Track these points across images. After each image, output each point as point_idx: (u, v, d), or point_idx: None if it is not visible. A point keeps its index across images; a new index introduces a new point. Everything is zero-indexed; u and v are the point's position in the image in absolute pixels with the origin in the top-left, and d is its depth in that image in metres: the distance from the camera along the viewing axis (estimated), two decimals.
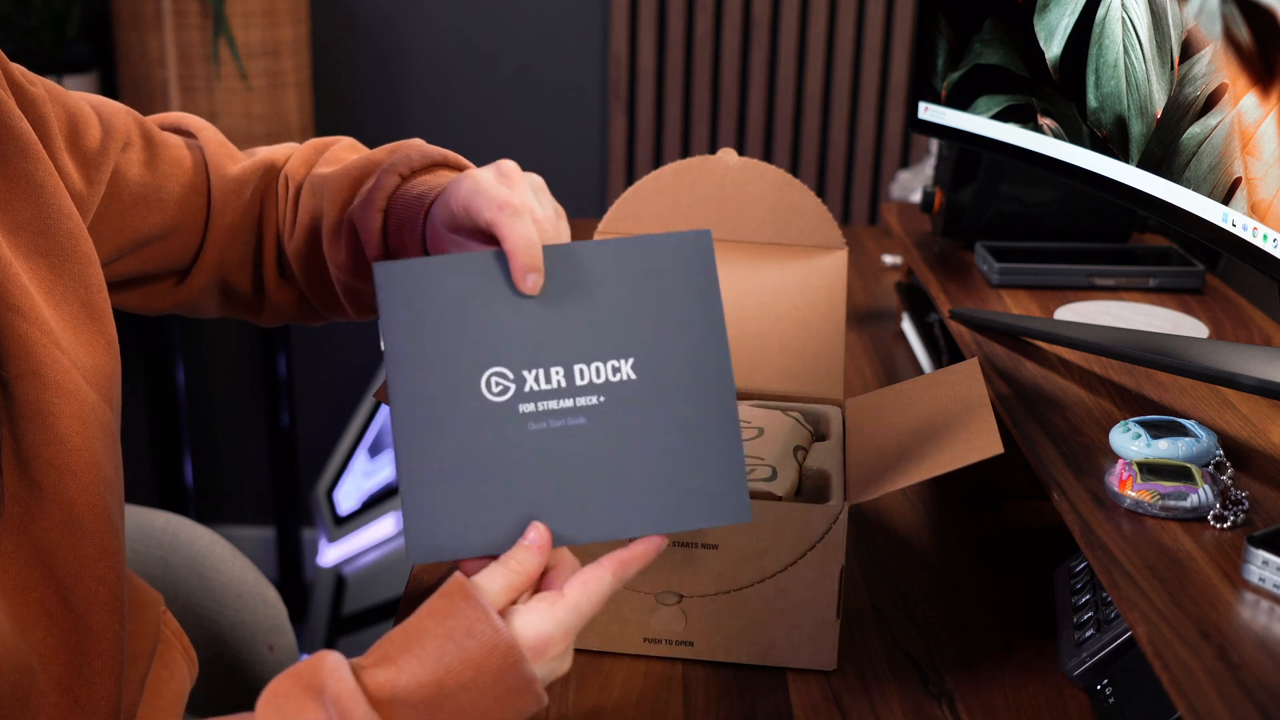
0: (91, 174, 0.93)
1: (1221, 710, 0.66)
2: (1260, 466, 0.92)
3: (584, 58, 2.44)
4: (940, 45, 1.33)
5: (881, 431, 1.00)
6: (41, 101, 0.89)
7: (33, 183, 0.85)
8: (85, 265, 0.87)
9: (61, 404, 0.81)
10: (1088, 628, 0.92)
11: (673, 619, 0.93)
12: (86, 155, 0.93)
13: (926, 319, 1.45)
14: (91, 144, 0.93)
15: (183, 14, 2.09)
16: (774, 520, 0.90)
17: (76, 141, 0.92)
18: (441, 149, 1.01)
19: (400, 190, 0.96)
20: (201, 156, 1.03)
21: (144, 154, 0.98)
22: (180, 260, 1.03)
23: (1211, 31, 0.99)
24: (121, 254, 0.99)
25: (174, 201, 1.00)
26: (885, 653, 0.96)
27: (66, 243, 0.86)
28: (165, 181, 1.00)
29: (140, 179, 0.98)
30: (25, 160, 0.85)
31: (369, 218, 0.96)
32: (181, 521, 1.29)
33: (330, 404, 2.62)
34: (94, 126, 0.94)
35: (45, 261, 0.85)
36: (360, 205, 0.97)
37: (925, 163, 1.84)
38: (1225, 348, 1.04)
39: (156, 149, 1.00)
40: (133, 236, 0.98)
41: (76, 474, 0.81)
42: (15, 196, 0.84)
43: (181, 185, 1.01)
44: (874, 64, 2.40)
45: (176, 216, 1.01)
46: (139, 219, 0.98)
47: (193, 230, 1.03)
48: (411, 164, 0.98)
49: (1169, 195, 1.06)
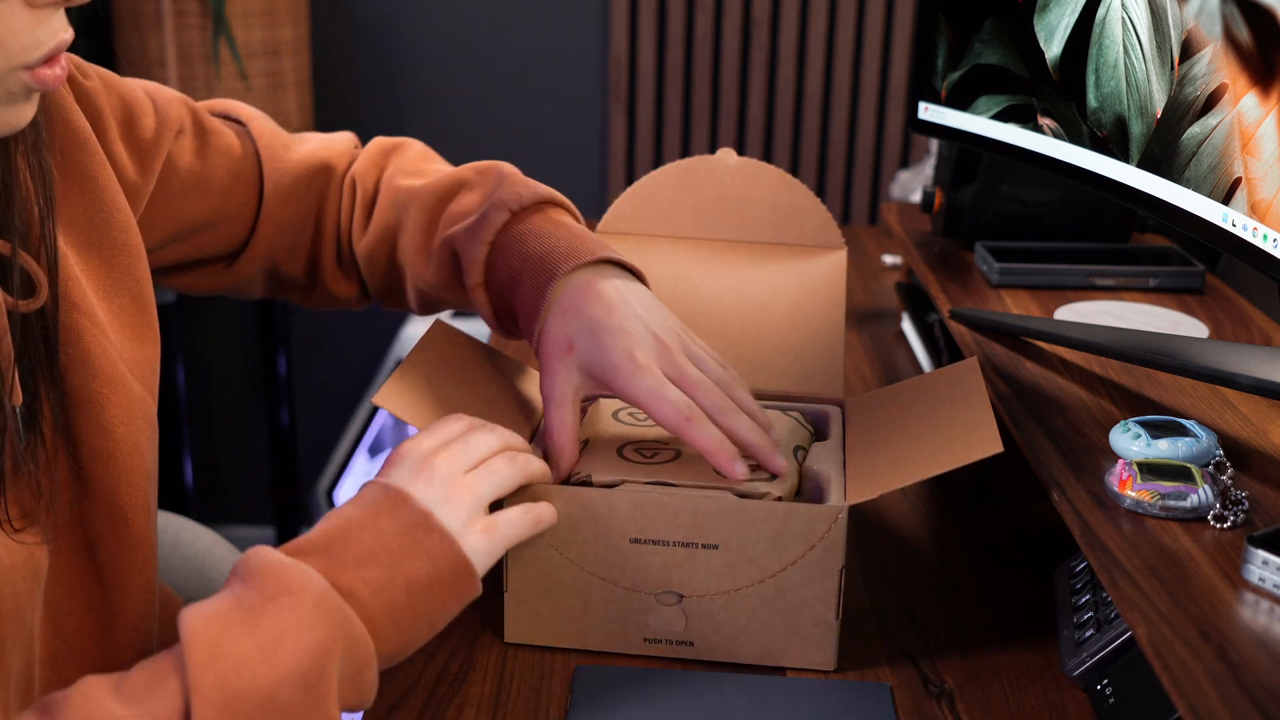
0: (145, 164, 0.95)
1: (1221, 710, 0.66)
2: (1260, 466, 0.92)
3: (584, 58, 2.44)
4: (940, 45, 1.33)
5: (881, 431, 1.00)
6: (96, 94, 0.91)
7: (87, 176, 0.86)
8: (135, 259, 0.89)
9: (108, 393, 0.83)
10: (1088, 628, 0.92)
11: (673, 619, 0.93)
12: (141, 145, 0.94)
13: (926, 319, 1.45)
14: (146, 133, 0.95)
15: (183, 14, 2.09)
16: (774, 520, 0.90)
17: (131, 131, 0.94)
18: (543, 186, 1.03)
19: (509, 230, 0.99)
20: (253, 147, 1.05)
21: (195, 142, 1.00)
22: (228, 246, 1.06)
23: (1211, 31, 0.99)
24: (171, 240, 1.01)
25: (222, 190, 1.02)
26: (885, 653, 0.96)
27: (118, 236, 0.88)
28: (215, 170, 1.01)
29: (190, 167, 0.99)
30: (80, 154, 0.86)
31: (474, 248, 0.99)
32: (182, 521, 1.29)
33: (330, 404, 2.62)
34: (148, 114, 0.95)
35: (97, 254, 0.86)
36: (465, 235, 1.00)
37: (925, 163, 1.84)
38: (1225, 348, 1.04)
39: (207, 137, 1.01)
40: (181, 223, 1.00)
41: (120, 463, 0.83)
42: (70, 190, 0.85)
43: (230, 174, 1.03)
44: (874, 64, 2.40)
45: (225, 205, 1.03)
46: (188, 206, 1.00)
47: (242, 219, 1.05)
48: (521, 201, 1.00)
49: (1169, 195, 1.06)
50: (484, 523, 0.84)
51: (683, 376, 0.92)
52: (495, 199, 1.00)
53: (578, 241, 0.98)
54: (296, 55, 2.21)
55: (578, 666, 0.92)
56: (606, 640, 0.94)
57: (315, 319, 2.59)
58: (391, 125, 2.47)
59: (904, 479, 0.90)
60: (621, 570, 0.92)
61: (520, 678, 0.92)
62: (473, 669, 0.93)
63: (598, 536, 0.91)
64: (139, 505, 0.84)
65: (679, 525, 0.91)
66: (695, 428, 0.90)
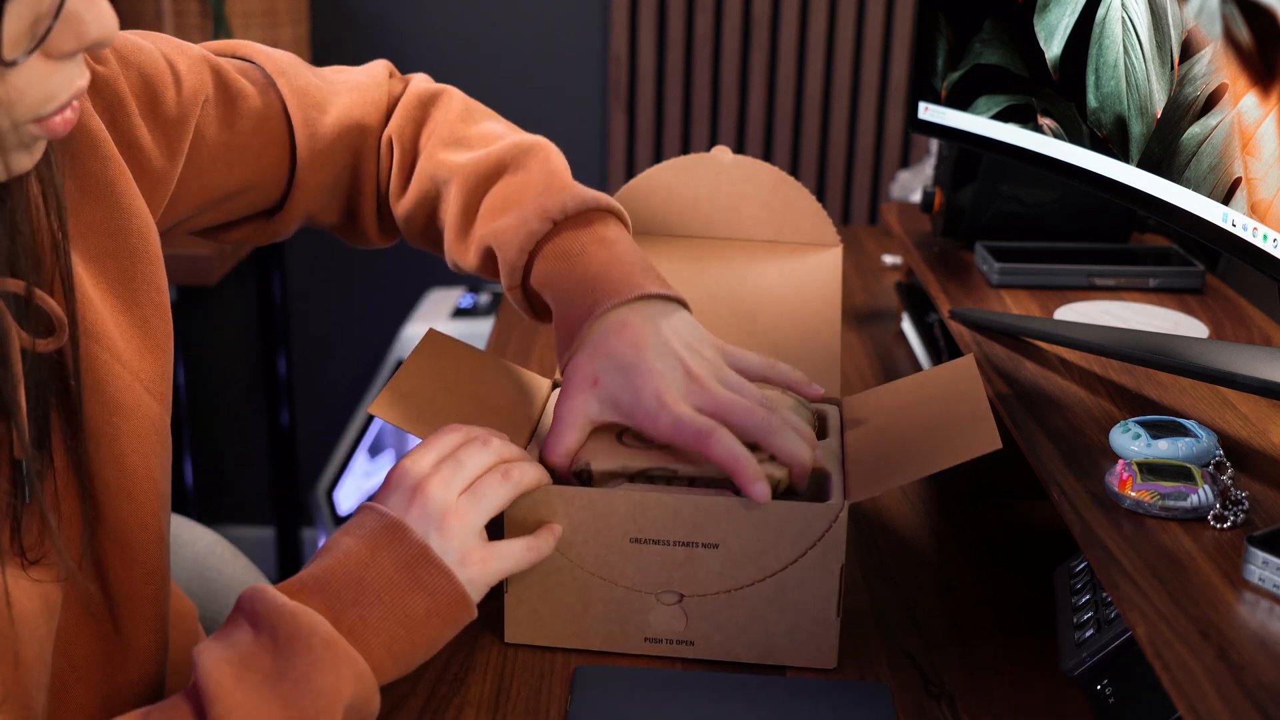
0: (173, 143, 0.92)
1: (1221, 710, 0.66)
2: (1260, 466, 0.92)
3: (584, 58, 2.44)
4: (940, 45, 1.33)
5: (880, 429, 1.00)
6: (114, 80, 0.87)
7: (102, 182, 0.83)
8: (154, 266, 0.86)
9: (120, 422, 0.81)
10: (1088, 628, 0.92)
11: (673, 618, 0.93)
12: (166, 122, 0.91)
13: (926, 319, 1.45)
14: (170, 109, 0.91)
15: (183, 14, 2.09)
16: (774, 519, 0.90)
17: (155, 109, 0.90)
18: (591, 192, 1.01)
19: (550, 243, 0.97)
20: (281, 106, 1.02)
21: (221, 109, 0.97)
22: (265, 205, 1.05)
23: (1211, 31, 0.99)
24: (203, 209, 0.99)
25: (253, 156, 1.00)
26: (885, 652, 0.96)
27: (137, 243, 0.85)
28: (243, 138, 0.99)
29: (218, 138, 0.96)
30: (94, 159, 0.83)
31: (512, 255, 0.98)
32: (182, 522, 1.29)
33: (330, 404, 2.62)
34: (169, 88, 0.92)
35: (115, 264, 0.84)
36: (505, 237, 0.98)
37: (925, 163, 1.84)
38: (1225, 348, 1.04)
39: (234, 102, 0.98)
40: (212, 193, 0.98)
41: (131, 494, 0.82)
42: (85, 197, 0.82)
43: (260, 139, 1.00)
44: (874, 64, 2.40)
45: (256, 171, 1.01)
46: (219, 175, 0.98)
47: (275, 182, 1.03)
48: (565, 210, 0.98)
49: (1169, 195, 1.06)
50: (481, 554, 0.85)
51: (715, 403, 0.91)
52: (538, 205, 0.98)
53: (618, 272, 0.95)
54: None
55: (578, 666, 0.92)
56: (607, 640, 0.94)
57: (316, 319, 2.59)
58: None
59: (903, 476, 0.90)
60: (622, 570, 0.92)
61: (520, 678, 0.92)
62: (473, 669, 0.93)
63: (598, 536, 0.91)
64: (151, 537, 0.83)
65: (679, 525, 0.91)
66: (714, 443, 0.88)
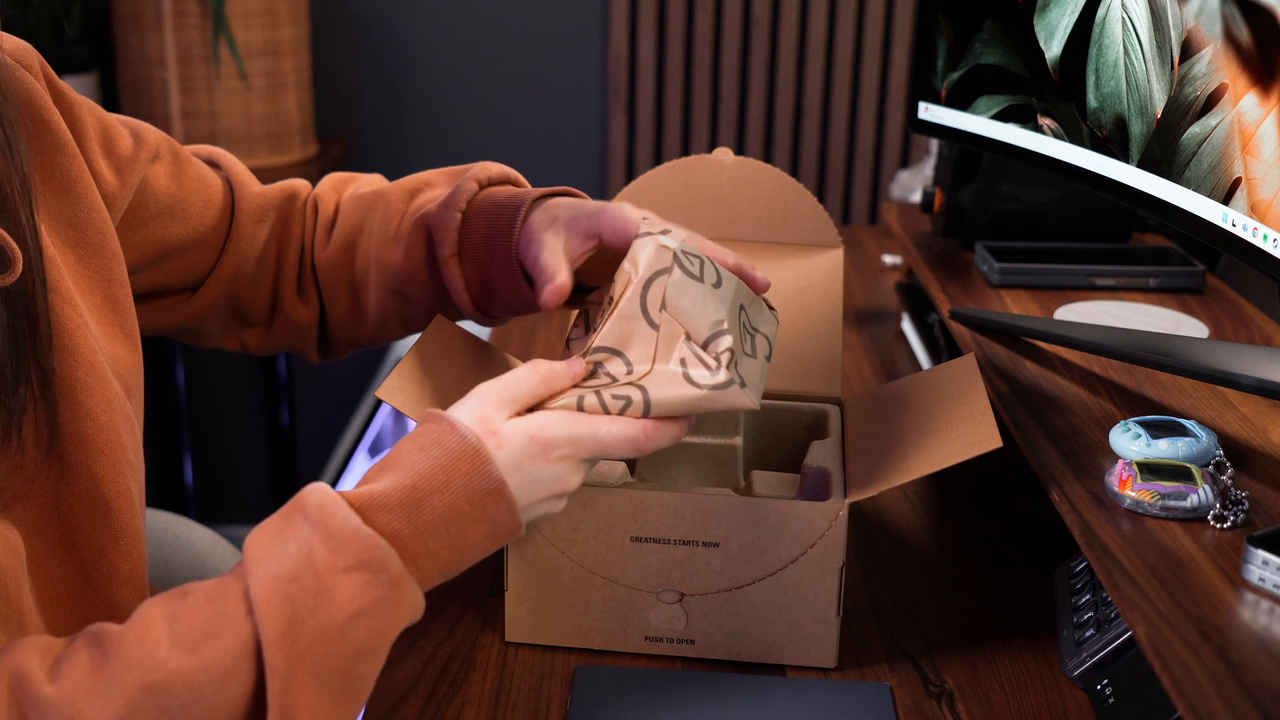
0: (124, 177, 0.96)
1: (1221, 710, 0.66)
2: (1260, 466, 0.92)
3: (584, 58, 2.44)
4: (940, 45, 1.33)
5: (880, 428, 1.00)
6: (78, 106, 0.92)
7: (66, 177, 0.87)
8: (111, 260, 0.89)
9: (91, 381, 0.83)
10: (1088, 628, 0.92)
11: (674, 617, 0.93)
12: (119, 160, 0.96)
13: (926, 319, 1.45)
14: (124, 151, 0.96)
15: (183, 14, 2.09)
16: (774, 518, 0.90)
17: (110, 148, 0.95)
18: (512, 170, 1.09)
19: (480, 196, 1.04)
20: (225, 177, 1.08)
21: (171, 167, 1.02)
22: (196, 275, 1.06)
23: (1211, 31, 0.99)
24: (144, 265, 1.01)
25: (196, 214, 1.04)
26: (885, 652, 0.96)
27: (95, 236, 0.88)
28: (190, 195, 1.03)
29: (166, 190, 1.01)
30: (60, 155, 0.87)
31: (447, 217, 1.03)
32: (182, 521, 1.29)
33: (330, 404, 2.62)
34: (125, 137, 0.97)
35: (74, 254, 0.87)
36: (438, 207, 1.04)
37: (925, 163, 1.84)
38: (1225, 348, 1.04)
39: (182, 164, 1.04)
40: (156, 247, 1.01)
41: (103, 451, 0.83)
42: (49, 189, 0.86)
43: (204, 200, 1.04)
44: (874, 64, 2.40)
45: (199, 230, 1.04)
46: (163, 229, 1.01)
47: (213, 244, 1.06)
48: (490, 176, 1.06)
49: (1169, 195, 1.06)
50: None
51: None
52: (465, 178, 1.05)
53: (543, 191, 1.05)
54: (296, 55, 2.21)
55: (578, 666, 0.92)
56: (607, 639, 0.94)
57: None
58: (391, 125, 2.47)
59: (904, 476, 0.90)
60: (622, 569, 0.92)
61: (520, 678, 0.92)
62: (473, 669, 0.93)
63: (598, 535, 0.92)
64: (122, 493, 0.84)
65: (680, 523, 0.91)
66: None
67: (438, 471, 0.78)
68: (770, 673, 0.93)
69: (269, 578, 0.73)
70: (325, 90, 2.44)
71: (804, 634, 0.92)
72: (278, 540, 0.75)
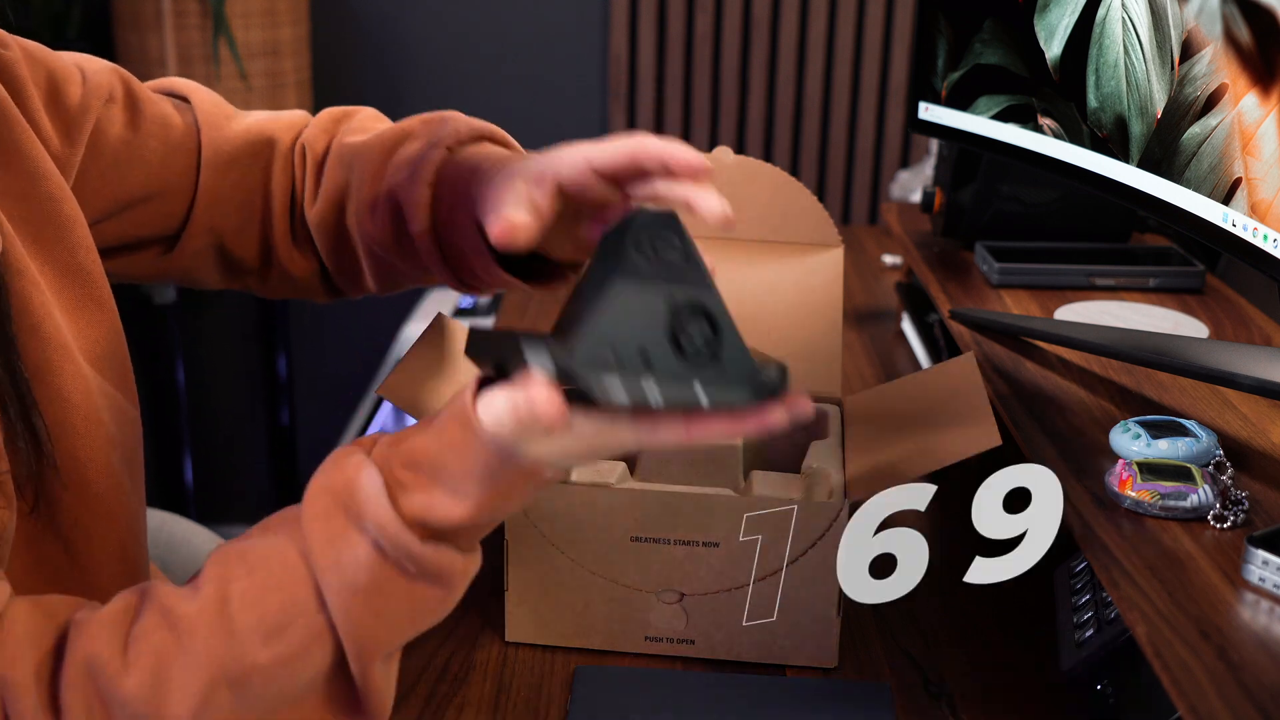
0: (72, 134, 0.91)
1: (1221, 710, 0.66)
2: (1260, 466, 0.92)
3: (584, 58, 2.44)
4: (940, 45, 1.33)
5: (880, 428, 1.00)
6: (15, 63, 0.88)
7: (9, 146, 0.83)
8: (69, 227, 0.85)
9: (61, 360, 0.81)
10: (1088, 628, 0.92)
11: (674, 617, 0.93)
12: (67, 114, 0.91)
13: (926, 319, 1.45)
14: (72, 101, 0.91)
15: (183, 14, 2.09)
16: (775, 518, 0.90)
17: (57, 100, 0.90)
18: (485, 123, 0.98)
19: (448, 163, 0.93)
20: (192, 116, 1.00)
21: (126, 112, 0.96)
22: (168, 225, 1.00)
23: (1212, 31, 0.99)
24: (105, 216, 0.96)
25: (157, 160, 0.97)
26: (885, 652, 0.96)
27: (48, 205, 0.84)
28: (148, 140, 0.96)
29: (121, 136, 0.95)
30: (1, 124, 0.83)
31: (416, 191, 0.93)
32: (180, 521, 1.29)
33: (330, 403, 2.62)
34: (74, 83, 0.92)
35: (26, 229, 0.83)
36: (406, 179, 0.94)
37: (925, 163, 1.84)
38: (1225, 348, 1.04)
39: (140, 106, 0.97)
40: (115, 198, 0.95)
41: (79, 431, 0.82)
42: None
43: (166, 144, 0.98)
44: (874, 64, 2.40)
45: (161, 177, 0.97)
46: (120, 179, 0.95)
47: (180, 192, 0.99)
48: (459, 136, 0.95)
49: (1169, 195, 1.06)
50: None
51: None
52: (433, 139, 0.95)
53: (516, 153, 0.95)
54: (296, 55, 2.21)
55: (578, 666, 0.92)
56: (607, 639, 0.94)
57: (316, 317, 2.59)
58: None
59: (903, 475, 0.90)
60: (622, 569, 0.92)
61: (520, 678, 0.92)
62: (473, 669, 0.93)
63: (598, 535, 0.92)
64: (103, 473, 0.83)
65: (680, 523, 0.91)
66: (642, 142, 0.88)
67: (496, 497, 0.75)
68: (770, 673, 0.93)
69: (345, 590, 0.74)
70: (325, 90, 2.44)
71: (804, 633, 0.92)
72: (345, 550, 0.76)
